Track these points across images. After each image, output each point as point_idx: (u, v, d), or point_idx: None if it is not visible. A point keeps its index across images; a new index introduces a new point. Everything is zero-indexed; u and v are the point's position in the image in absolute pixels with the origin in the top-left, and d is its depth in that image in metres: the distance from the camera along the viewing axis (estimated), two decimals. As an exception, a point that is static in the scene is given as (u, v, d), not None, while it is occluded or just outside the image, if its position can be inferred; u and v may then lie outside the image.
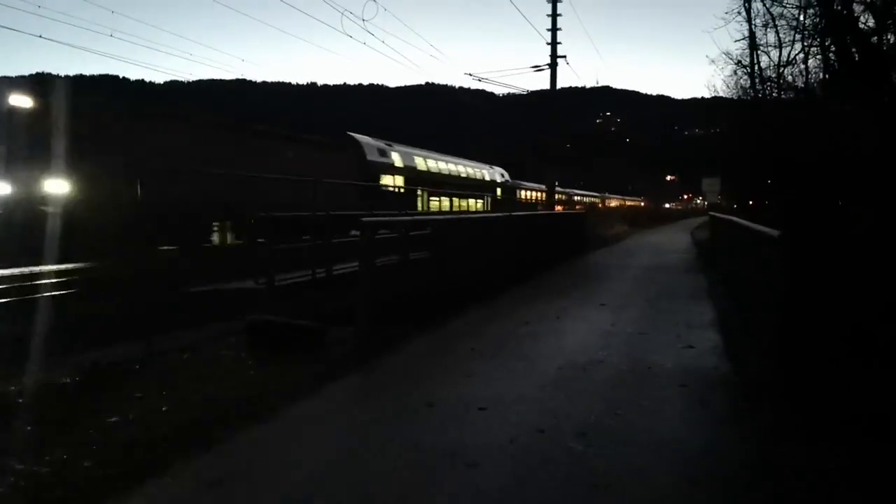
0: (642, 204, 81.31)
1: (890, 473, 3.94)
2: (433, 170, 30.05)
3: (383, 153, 25.08)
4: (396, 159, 26.16)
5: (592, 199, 64.64)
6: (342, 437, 4.61)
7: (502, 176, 41.99)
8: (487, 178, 38.79)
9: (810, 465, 4.04)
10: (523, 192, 46.26)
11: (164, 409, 5.10)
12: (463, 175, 34.24)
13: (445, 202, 30.16)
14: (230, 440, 4.50)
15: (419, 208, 25.46)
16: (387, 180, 24.42)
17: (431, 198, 27.42)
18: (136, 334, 7.00)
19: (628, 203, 78.38)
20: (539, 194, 47.38)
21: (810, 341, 5.64)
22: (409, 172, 26.74)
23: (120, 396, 5.37)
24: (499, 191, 39.53)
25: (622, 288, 12.93)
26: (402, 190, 24.49)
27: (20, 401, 5.18)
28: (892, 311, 5.37)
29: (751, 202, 26.72)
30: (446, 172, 31.74)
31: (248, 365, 6.48)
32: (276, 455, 4.25)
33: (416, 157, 28.42)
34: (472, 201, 33.84)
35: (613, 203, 72.89)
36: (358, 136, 23.70)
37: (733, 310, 9.76)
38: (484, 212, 33.00)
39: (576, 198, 60.65)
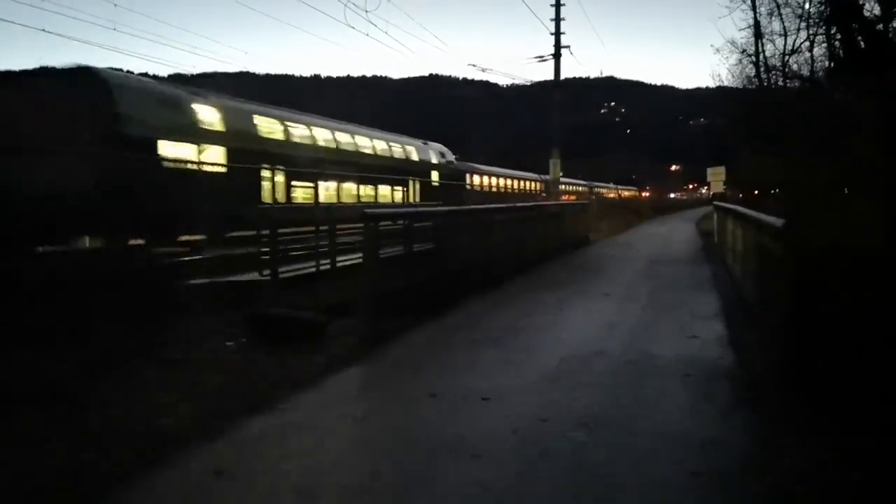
0: (643, 194, 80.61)
1: (891, 468, 3.92)
2: (301, 140, 19.93)
3: (172, 105, 14.98)
4: (209, 118, 15.99)
5: (578, 189, 55.13)
6: (344, 428, 4.62)
7: (441, 156, 31.47)
8: (415, 157, 28.41)
9: (813, 457, 4.03)
10: (479, 179, 36.48)
11: (165, 400, 5.11)
12: (366, 151, 23.99)
13: (331, 190, 20.57)
14: (232, 431, 4.51)
15: (269, 200, 16.95)
16: (180, 151, 14.53)
17: (296, 182, 18.59)
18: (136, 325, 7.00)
19: (624, 193, 76.42)
20: (514, 182, 41.54)
21: (816, 333, 5.62)
22: (244, 141, 16.78)
23: (122, 388, 5.38)
24: (435, 175, 29.41)
25: (625, 278, 12.91)
26: (223, 169, 14.91)
27: (19, 390, 5.19)
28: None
29: (756, 191, 26.64)
30: (331, 146, 21.49)
31: (249, 356, 6.50)
32: (278, 446, 4.26)
33: (257, 118, 18.20)
34: (384, 189, 23.98)
35: (610, 194, 69.51)
36: (106, 72, 13.96)
37: (738, 300, 9.73)
38: (407, 204, 24.76)
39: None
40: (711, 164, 35.72)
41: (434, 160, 30.50)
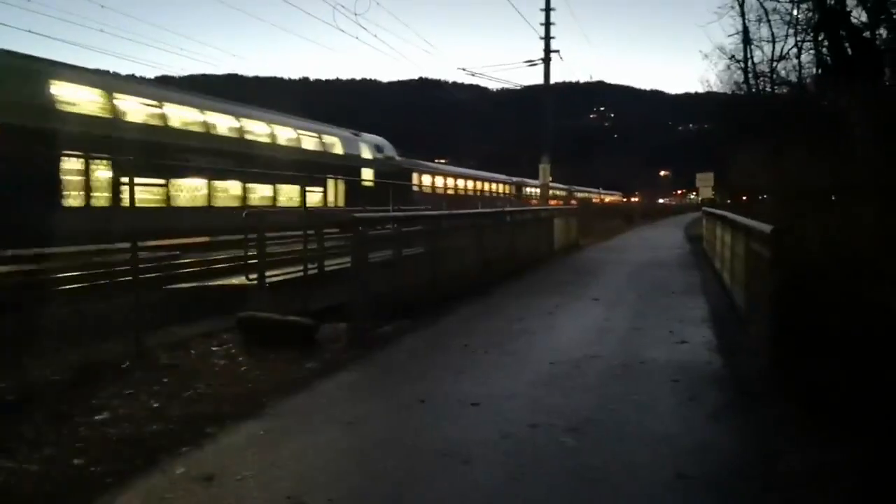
0: (633, 199, 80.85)
1: (882, 468, 3.94)
2: (145, 120, 15.14)
3: None
4: None
5: (556, 194, 51.02)
6: (334, 433, 4.59)
7: (378, 151, 26.88)
8: (338, 150, 23.72)
9: (801, 459, 4.05)
10: (432, 179, 31.83)
11: (154, 405, 5.08)
12: (261, 140, 19.04)
13: (199, 191, 15.87)
14: (221, 436, 4.49)
15: (78, 202, 12.62)
16: None
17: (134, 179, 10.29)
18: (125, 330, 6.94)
19: (607, 199, 75.91)
20: (478, 184, 37.99)
21: (802, 337, 5.65)
22: (30, 117, 11.92)
23: (110, 394, 5.33)
24: (367, 173, 24.76)
25: (615, 283, 12.94)
26: None
27: (10, 398, 5.15)
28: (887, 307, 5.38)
29: (744, 197, 26.80)
30: (197, 131, 16.69)
31: (238, 361, 6.46)
32: (267, 451, 4.23)
33: (59, 86, 13.17)
34: (288, 189, 19.37)
35: (594, 199, 68.42)
36: None
37: (726, 305, 9.78)
38: (326, 208, 20.50)
39: (528, 190, 47.65)
40: (700, 170, 35.92)
41: (367, 154, 25.65)
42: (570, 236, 22.27)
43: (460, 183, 35.09)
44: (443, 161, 57.97)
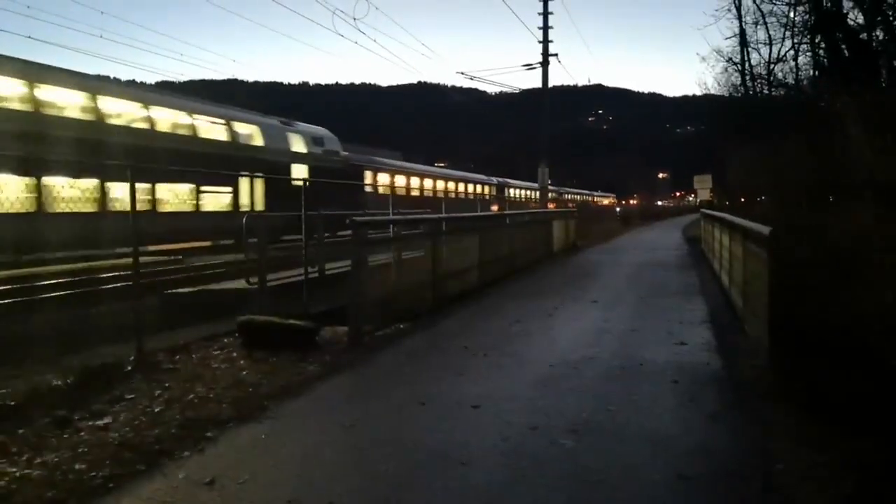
0: (631, 202, 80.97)
1: (881, 468, 3.95)
2: None
3: None
4: None
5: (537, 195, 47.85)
6: (334, 436, 4.60)
7: (316, 144, 22.91)
8: (258, 142, 20.03)
9: (800, 460, 4.06)
10: (391, 179, 27.84)
11: (155, 409, 5.08)
12: (134, 126, 15.49)
13: (25, 191, 12.36)
14: (222, 440, 4.49)
15: None
16: None
17: None
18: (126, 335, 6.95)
19: (604, 201, 75.46)
20: (450, 185, 34.12)
21: (801, 337, 5.67)
22: None
23: (111, 398, 5.34)
24: (300, 170, 20.95)
25: (614, 285, 12.94)
26: None
27: (11, 403, 5.15)
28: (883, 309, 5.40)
29: (743, 199, 26.83)
30: (19, 106, 12.95)
31: (239, 365, 6.47)
32: (268, 455, 4.24)
33: None
34: (180, 189, 16.34)
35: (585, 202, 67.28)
36: None
37: (725, 306, 9.79)
38: (239, 212, 16.46)
39: (512, 192, 44.67)
40: (699, 172, 35.91)
41: (299, 148, 21.79)
42: (569, 238, 22.33)
43: (428, 183, 31.10)
44: (441, 165, 57.51)
